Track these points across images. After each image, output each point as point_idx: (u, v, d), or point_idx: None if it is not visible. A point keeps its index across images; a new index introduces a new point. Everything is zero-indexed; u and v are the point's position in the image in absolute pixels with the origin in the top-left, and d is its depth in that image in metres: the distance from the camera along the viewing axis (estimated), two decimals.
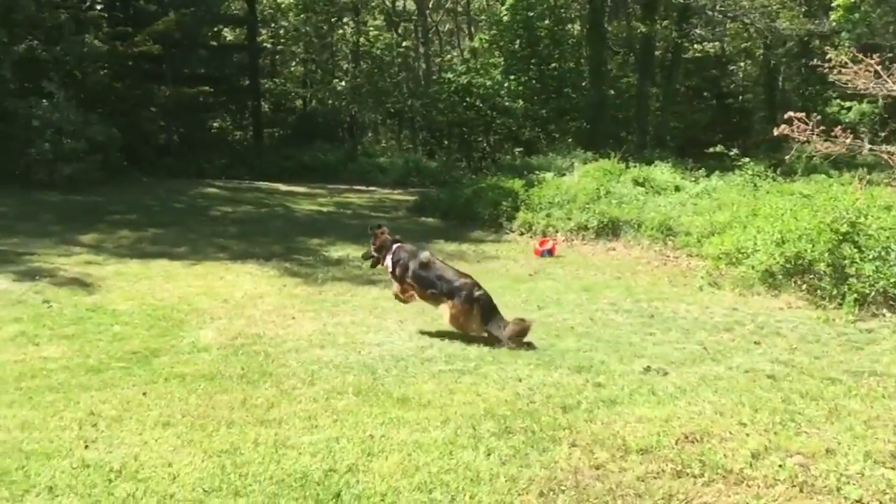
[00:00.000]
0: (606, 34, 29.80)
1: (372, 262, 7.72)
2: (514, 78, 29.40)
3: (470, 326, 6.97)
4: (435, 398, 5.29)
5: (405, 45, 35.87)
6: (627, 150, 21.54)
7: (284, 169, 25.11)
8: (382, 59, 34.70)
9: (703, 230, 12.03)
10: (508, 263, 11.86)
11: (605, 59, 29.11)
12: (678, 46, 29.37)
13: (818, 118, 11.35)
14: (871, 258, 8.50)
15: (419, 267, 7.24)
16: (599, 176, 16.22)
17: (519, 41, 29.95)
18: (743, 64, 37.17)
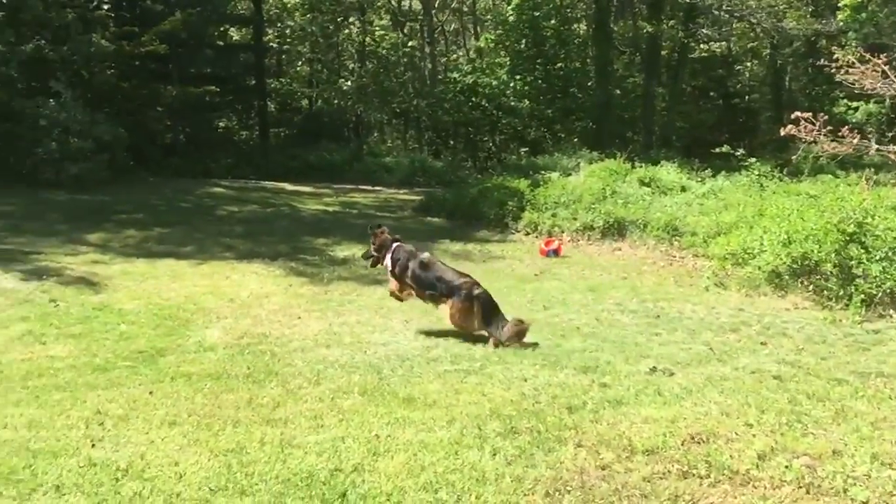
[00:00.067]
0: (612, 34, 29.75)
1: (372, 261, 7.75)
2: (519, 78, 29.35)
3: (471, 324, 6.98)
4: (440, 398, 5.30)
5: (411, 44, 35.82)
6: (633, 150, 21.51)
7: (290, 168, 25.14)
8: (388, 58, 34.65)
9: (709, 230, 12.01)
10: (514, 263, 11.85)
11: (611, 58, 29.06)
12: (684, 46, 29.31)
13: (825, 118, 11.28)
14: (877, 259, 8.48)
15: (419, 267, 7.27)
16: (605, 176, 16.19)
17: (525, 41, 29.89)
18: (749, 64, 37.07)
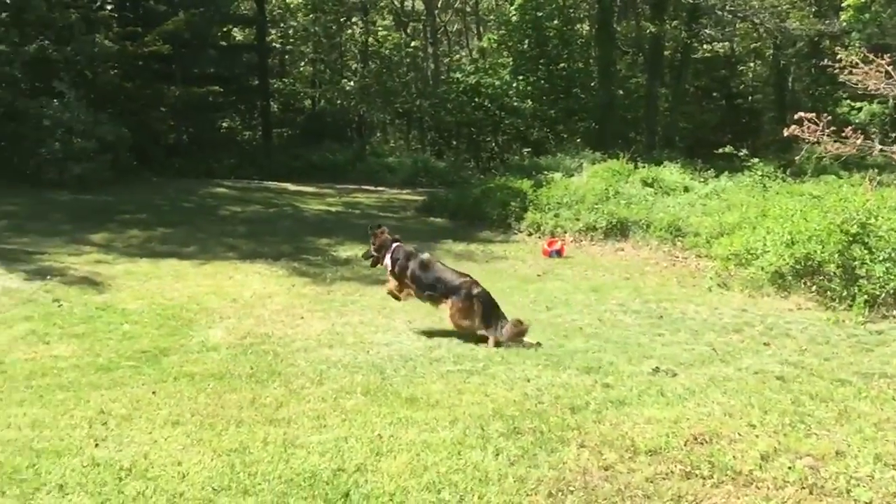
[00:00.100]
0: (615, 34, 29.74)
1: (372, 261, 7.76)
2: (522, 78, 29.35)
3: (473, 323, 6.99)
4: (443, 398, 5.30)
5: (414, 45, 35.84)
6: (636, 150, 21.51)
7: (293, 169, 25.14)
8: (391, 59, 34.68)
9: (712, 231, 12.00)
10: (517, 264, 11.85)
11: (614, 59, 29.04)
12: (687, 46, 29.27)
13: (828, 119, 11.29)
14: (881, 259, 8.47)
15: (418, 267, 7.29)
16: (608, 176, 16.19)
17: (528, 41, 29.89)
18: (752, 64, 37.00)
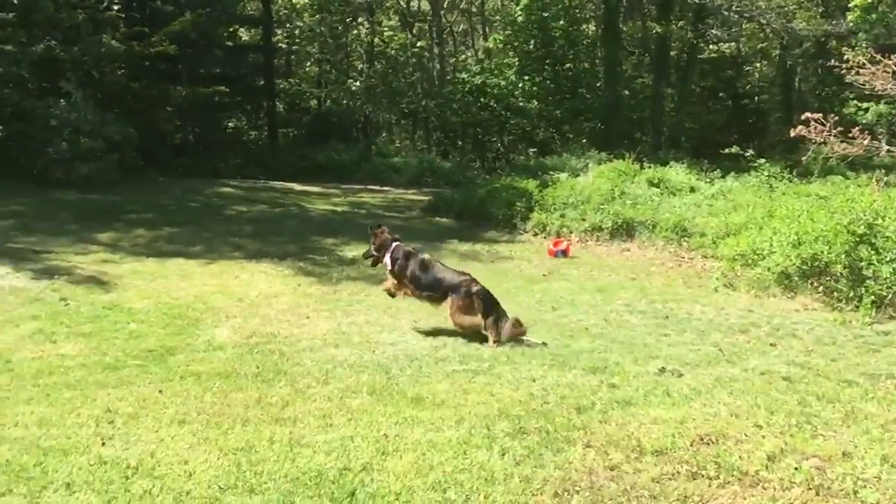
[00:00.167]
0: (621, 34, 29.65)
1: (372, 260, 7.80)
2: (528, 78, 29.32)
3: (472, 321, 6.99)
4: (449, 398, 5.30)
5: (419, 45, 35.84)
6: (642, 150, 21.42)
7: (299, 169, 25.17)
8: (397, 59, 34.71)
9: (718, 231, 11.97)
10: (522, 264, 11.84)
11: (619, 59, 28.96)
12: (693, 47, 29.22)
13: (835, 119, 11.25)
14: (888, 260, 8.43)
15: (418, 267, 7.33)
16: (614, 177, 16.16)
17: (533, 41, 29.86)
18: (759, 64, 36.93)
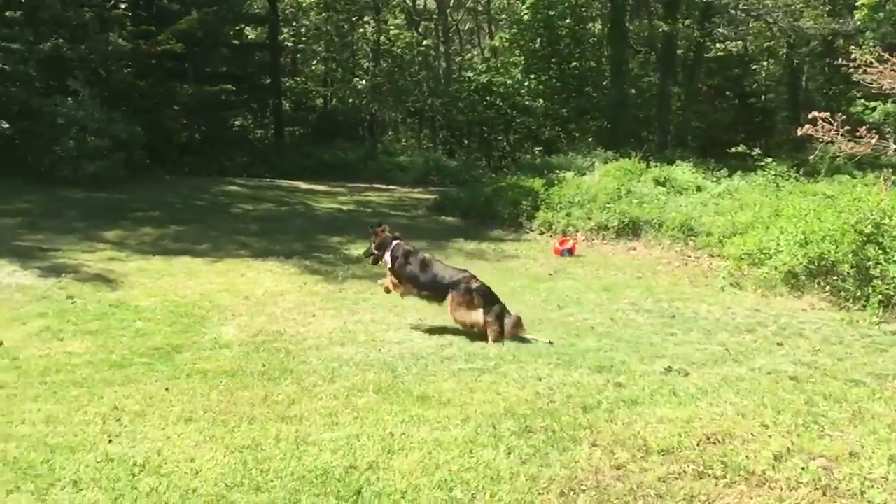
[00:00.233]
0: (628, 33, 29.61)
1: (373, 259, 7.81)
2: (534, 77, 29.29)
3: (474, 317, 6.98)
4: (455, 396, 5.30)
5: (425, 43, 35.84)
6: (648, 149, 21.45)
7: (305, 167, 25.22)
8: (403, 57, 34.69)
9: (724, 230, 11.95)
10: (528, 263, 11.83)
11: (626, 58, 28.91)
12: (700, 45, 29.12)
13: (842, 118, 11.21)
14: (895, 260, 8.40)
15: (417, 266, 7.34)
16: (620, 175, 16.14)
17: (539, 40, 29.81)
18: (766, 63, 36.81)
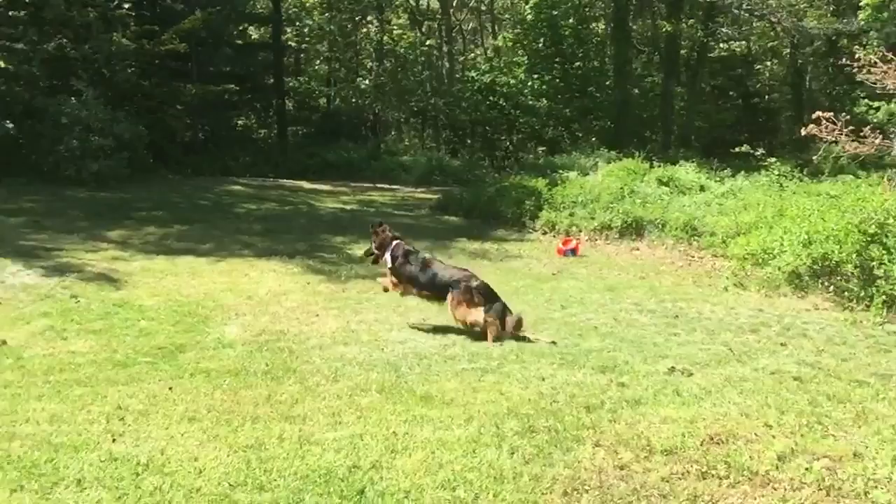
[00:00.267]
0: (631, 33, 29.66)
1: (373, 258, 7.82)
2: (537, 77, 29.32)
3: (474, 315, 6.97)
4: (458, 396, 5.30)
5: (429, 43, 35.87)
6: (652, 149, 21.45)
7: (308, 167, 25.28)
8: (406, 57, 34.70)
9: (728, 230, 11.92)
10: (531, 263, 11.82)
11: (629, 58, 28.96)
12: (704, 45, 29.16)
13: (846, 118, 11.20)
14: None
15: (417, 265, 7.36)
16: (623, 175, 16.13)
17: (543, 40, 29.85)
18: (769, 63, 36.75)
